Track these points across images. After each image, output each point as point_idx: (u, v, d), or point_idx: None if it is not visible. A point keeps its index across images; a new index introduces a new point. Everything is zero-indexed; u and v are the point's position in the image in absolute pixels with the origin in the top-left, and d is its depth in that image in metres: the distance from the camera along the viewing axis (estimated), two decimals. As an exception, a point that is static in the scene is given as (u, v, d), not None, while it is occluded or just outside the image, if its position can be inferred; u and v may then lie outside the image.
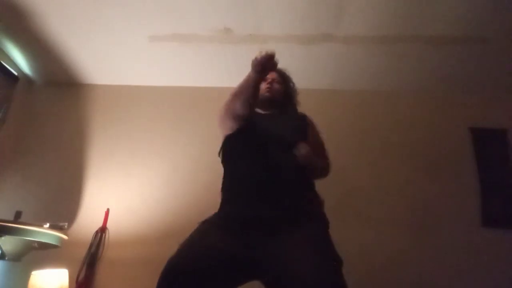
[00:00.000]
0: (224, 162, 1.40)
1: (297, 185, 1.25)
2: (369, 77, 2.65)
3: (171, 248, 1.11)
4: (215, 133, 1.50)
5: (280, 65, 1.62)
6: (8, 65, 2.54)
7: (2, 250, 1.80)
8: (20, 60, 2.63)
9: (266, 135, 1.32)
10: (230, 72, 2.67)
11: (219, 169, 1.41)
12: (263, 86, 1.49)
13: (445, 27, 2.19)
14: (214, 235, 1.12)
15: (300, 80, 1.64)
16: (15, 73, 2.63)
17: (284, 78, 1.58)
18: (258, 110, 1.49)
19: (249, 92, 1.30)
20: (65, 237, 2.01)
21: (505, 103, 2.62)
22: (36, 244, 1.92)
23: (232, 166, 1.34)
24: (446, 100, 2.69)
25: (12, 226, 1.75)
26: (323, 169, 1.45)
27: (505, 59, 2.38)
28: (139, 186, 2.50)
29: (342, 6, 2.09)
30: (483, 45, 2.29)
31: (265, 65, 1.24)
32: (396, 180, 2.44)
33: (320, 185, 1.33)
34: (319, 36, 2.32)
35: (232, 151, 1.37)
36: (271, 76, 1.52)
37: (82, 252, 2.23)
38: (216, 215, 1.24)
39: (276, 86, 1.51)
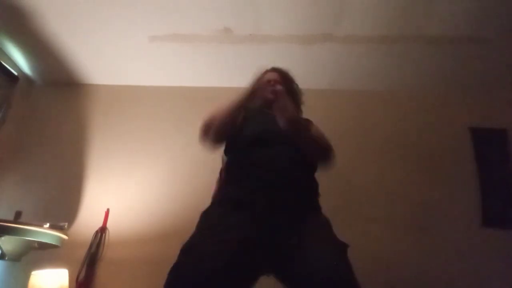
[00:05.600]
0: (234, 150, 1.36)
1: (304, 177, 1.25)
2: (369, 77, 2.65)
3: (171, 248, 1.10)
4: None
5: (280, 65, 1.62)
6: (8, 65, 2.54)
7: (2, 250, 1.80)
8: (20, 60, 2.63)
9: (268, 130, 1.31)
10: (230, 72, 2.67)
11: (219, 169, 1.41)
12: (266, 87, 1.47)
13: (445, 27, 2.19)
14: (224, 228, 1.09)
15: (300, 80, 1.64)
16: (15, 73, 2.63)
17: (286, 79, 1.55)
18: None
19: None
20: (65, 237, 2.01)
21: (505, 103, 2.62)
22: (36, 244, 1.92)
23: (245, 154, 1.29)
24: (446, 100, 2.69)
25: (12, 226, 1.75)
26: (323, 148, 1.33)
27: (505, 59, 2.38)
28: (139, 186, 2.50)
29: (342, 6, 2.10)
30: (483, 45, 2.29)
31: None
32: (396, 180, 2.44)
33: (320, 185, 1.32)
34: (319, 36, 2.33)
35: (237, 143, 1.33)
36: (272, 76, 1.50)
37: (82, 252, 2.23)
38: (224, 204, 1.20)
39: (279, 87, 1.48)
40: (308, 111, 1.58)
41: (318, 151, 1.32)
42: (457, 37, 2.25)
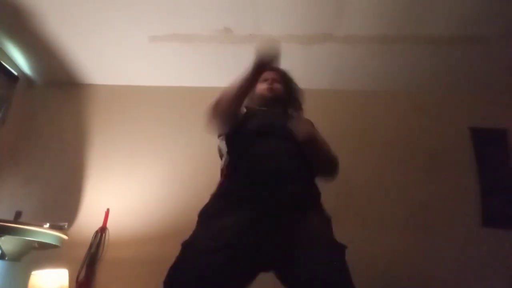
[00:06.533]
0: (233, 147, 1.35)
1: (305, 174, 1.25)
2: (369, 77, 2.65)
3: (171, 248, 1.11)
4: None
5: (280, 65, 1.62)
6: (8, 65, 2.54)
7: (2, 250, 1.80)
8: (20, 60, 2.63)
9: (270, 125, 1.32)
10: (230, 72, 2.62)
11: (219, 169, 1.40)
12: (263, 86, 1.47)
13: (445, 27, 2.19)
14: (223, 223, 1.09)
15: (300, 80, 1.64)
16: (15, 73, 2.63)
17: (284, 78, 1.56)
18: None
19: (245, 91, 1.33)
20: (65, 237, 2.01)
21: (505, 103, 2.62)
22: (36, 244, 1.93)
23: (242, 151, 1.30)
24: (446, 100, 2.69)
25: (12, 226, 1.75)
26: (331, 160, 1.34)
27: (505, 59, 2.38)
28: (139, 186, 2.50)
29: (342, 6, 2.10)
30: (483, 45, 2.29)
31: (268, 64, 1.23)
32: (396, 180, 2.44)
33: (320, 185, 1.32)
34: (319, 36, 2.32)
35: (239, 139, 1.33)
36: (270, 75, 1.51)
37: (82, 252, 2.23)
38: (224, 199, 1.20)
39: (277, 86, 1.48)
40: (308, 111, 1.58)
41: (326, 163, 1.33)
42: (457, 37, 2.25)
